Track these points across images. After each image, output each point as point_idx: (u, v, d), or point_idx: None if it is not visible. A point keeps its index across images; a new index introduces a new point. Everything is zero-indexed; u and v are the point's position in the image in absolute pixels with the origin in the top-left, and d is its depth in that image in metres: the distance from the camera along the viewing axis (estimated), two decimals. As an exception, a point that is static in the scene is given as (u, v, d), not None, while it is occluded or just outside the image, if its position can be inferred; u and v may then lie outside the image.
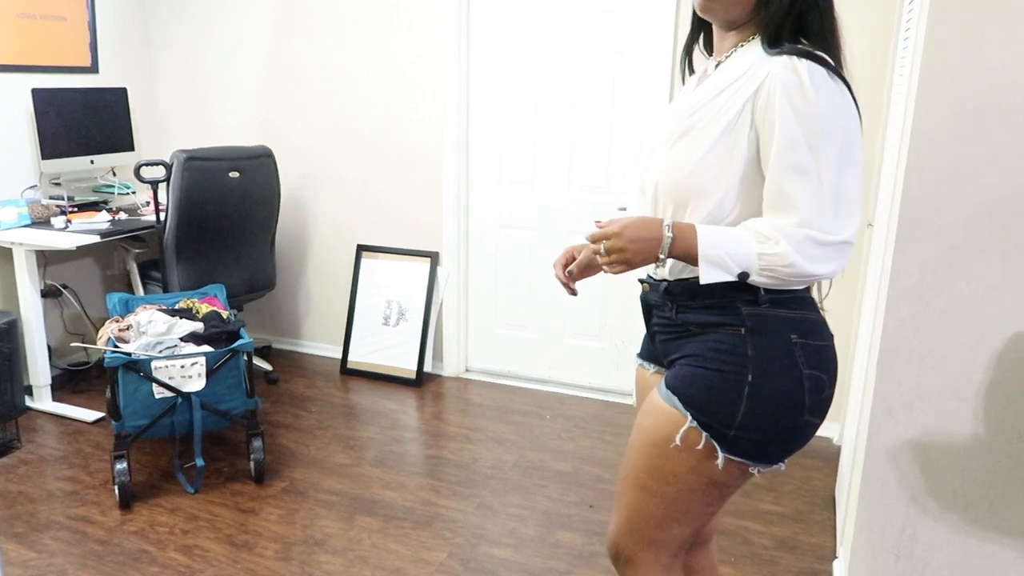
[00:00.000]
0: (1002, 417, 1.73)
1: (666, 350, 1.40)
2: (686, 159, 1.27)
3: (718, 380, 1.27)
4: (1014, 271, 1.66)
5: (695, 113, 1.28)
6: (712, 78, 1.31)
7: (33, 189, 3.57)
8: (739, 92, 1.23)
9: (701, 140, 1.25)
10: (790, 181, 1.18)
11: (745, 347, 1.26)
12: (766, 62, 1.22)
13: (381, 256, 3.87)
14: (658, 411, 1.33)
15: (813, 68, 1.17)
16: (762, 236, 1.19)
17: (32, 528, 2.52)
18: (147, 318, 2.81)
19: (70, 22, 3.71)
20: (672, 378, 1.33)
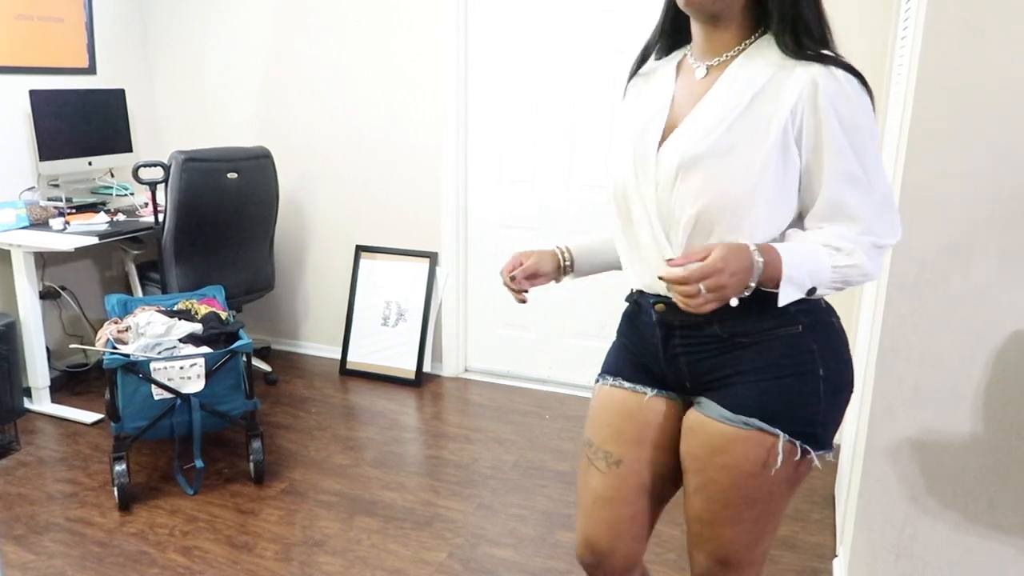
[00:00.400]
0: (1001, 415, 1.73)
1: (700, 370, 1.32)
2: (743, 178, 1.18)
3: (797, 385, 1.25)
4: (1012, 269, 1.66)
5: (732, 128, 1.19)
6: (725, 84, 1.23)
7: (31, 191, 3.56)
8: (779, 102, 1.18)
9: (755, 156, 1.18)
10: (847, 192, 1.18)
11: (809, 343, 1.26)
12: (794, 68, 1.18)
13: (380, 256, 3.87)
14: (738, 440, 1.26)
15: (851, 78, 1.18)
16: (833, 249, 1.19)
17: (31, 530, 2.52)
18: (146, 319, 2.80)
19: (67, 23, 3.71)
20: (740, 400, 1.26)
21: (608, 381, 1.45)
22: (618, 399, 1.42)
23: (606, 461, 1.41)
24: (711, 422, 1.29)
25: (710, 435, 1.29)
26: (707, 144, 1.20)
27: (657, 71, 1.37)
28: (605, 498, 1.41)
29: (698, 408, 1.33)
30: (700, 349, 1.30)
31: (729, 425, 1.26)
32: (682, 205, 1.23)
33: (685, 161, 1.22)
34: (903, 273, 1.75)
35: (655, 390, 1.40)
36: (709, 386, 1.31)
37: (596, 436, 1.44)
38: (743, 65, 1.23)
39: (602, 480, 1.41)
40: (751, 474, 1.26)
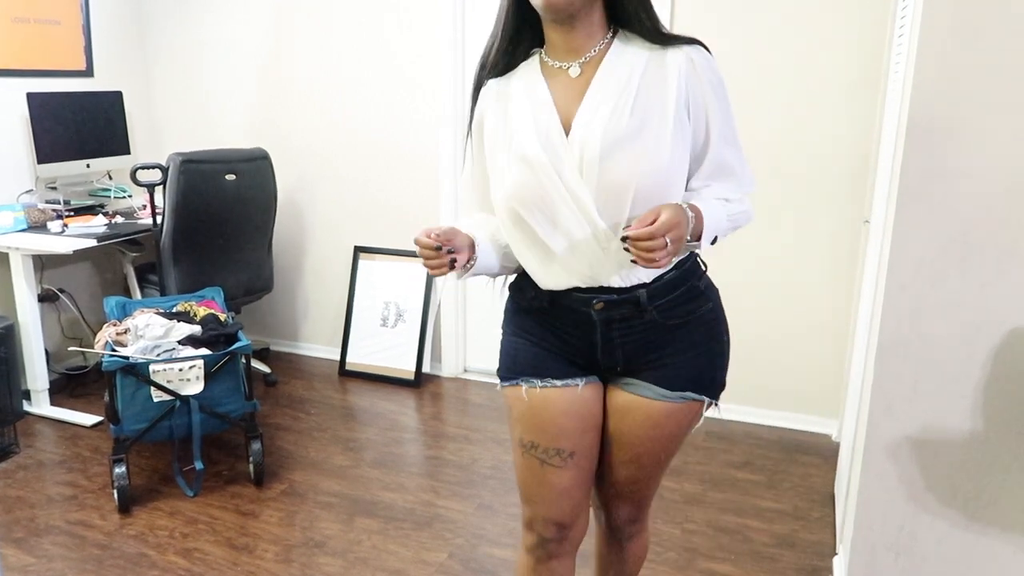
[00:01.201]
0: (1001, 412, 1.73)
1: (637, 355, 1.42)
2: (657, 153, 1.28)
3: (714, 353, 1.45)
4: (1010, 266, 1.67)
5: (633, 112, 1.29)
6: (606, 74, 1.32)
7: (29, 194, 3.56)
8: (665, 83, 1.30)
9: (662, 133, 1.29)
10: (728, 152, 1.36)
11: (718, 315, 1.46)
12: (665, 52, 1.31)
13: (378, 257, 3.87)
14: (675, 412, 1.44)
15: (709, 54, 1.34)
16: (724, 200, 1.36)
17: (31, 533, 2.52)
18: (144, 321, 2.80)
19: (64, 26, 3.71)
20: (676, 377, 1.42)
21: (535, 384, 1.46)
22: (553, 398, 1.45)
23: (560, 457, 1.47)
24: (650, 402, 1.43)
25: (649, 414, 1.44)
26: (621, 127, 1.28)
27: (513, 80, 1.40)
28: (566, 487, 1.49)
29: (631, 389, 1.45)
30: (638, 337, 1.41)
31: (667, 402, 1.43)
32: (616, 189, 1.29)
33: (606, 146, 1.28)
34: (902, 271, 1.75)
35: (584, 379, 1.46)
36: (643, 367, 1.43)
37: (540, 438, 1.46)
38: (617, 57, 1.33)
39: (561, 474, 1.48)
40: (679, 437, 1.49)
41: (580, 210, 1.31)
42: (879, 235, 2.10)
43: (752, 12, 3.00)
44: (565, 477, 1.48)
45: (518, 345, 1.49)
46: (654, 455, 1.49)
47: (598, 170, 1.29)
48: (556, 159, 1.31)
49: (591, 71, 1.33)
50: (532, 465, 1.49)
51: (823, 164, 3.03)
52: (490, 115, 1.42)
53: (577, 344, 1.44)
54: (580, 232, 1.32)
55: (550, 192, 1.32)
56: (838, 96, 2.96)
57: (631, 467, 1.50)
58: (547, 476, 1.48)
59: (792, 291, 3.18)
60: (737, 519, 2.60)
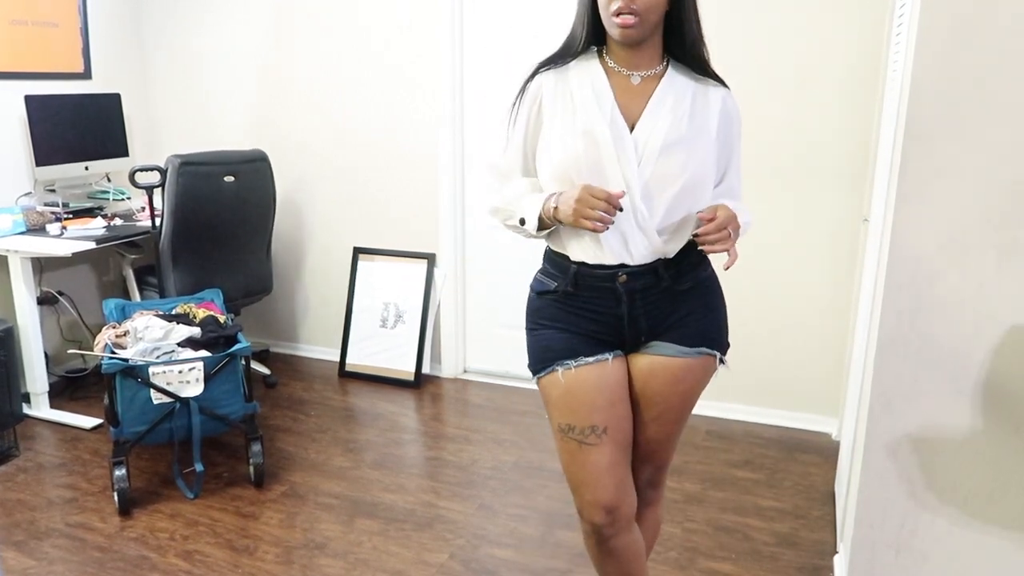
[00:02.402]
0: (1000, 409, 1.74)
1: (658, 322, 1.60)
2: (704, 160, 1.54)
3: (718, 312, 1.67)
4: (1009, 265, 1.67)
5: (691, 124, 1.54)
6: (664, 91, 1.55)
7: (28, 196, 3.56)
8: (708, 110, 1.57)
9: (708, 146, 1.55)
10: (736, 180, 1.66)
11: (716, 279, 1.68)
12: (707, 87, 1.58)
13: (378, 258, 3.87)
14: (692, 367, 1.62)
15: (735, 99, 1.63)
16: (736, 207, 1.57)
17: (32, 536, 2.52)
18: (144, 324, 2.80)
19: (62, 28, 3.70)
20: (692, 335, 1.61)
21: (569, 365, 1.60)
22: (585, 376, 1.59)
23: (596, 434, 1.58)
24: (670, 360, 1.61)
25: (671, 370, 1.61)
26: (681, 131, 1.52)
27: (572, 69, 1.59)
28: (608, 465, 1.59)
29: (652, 351, 1.62)
30: (657, 304, 1.59)
31: (685, 357, 1.60)
32: (666, 179, 1.51)
33: (668, 143, 1.51)
34: (901, 270, 1.75)
35: (611, 353, 1.61)
36: (664, 330, 1.61)
37: (575, 419, 1.59)
38: (672, 79, 1.57)
39: (600, 452, 1.58)
40: (696, 392, 1.65)
41: (628, 191, 1.50)
42: (878, 234, 2.10)
43: (751, 12, 3.00)
44: (604, 454, 1.58)
45: (547, 336, 1.64)
46: (675, 411, 1.64)
47: (656, 161, 1.51)
48: (620, 144, 1.51)
49: (651, 84, 1.56)
50: (571, 448, 1.60)
51: (822, 163, 3.03)
52: (549, 91, 1.58)
53: (604, 320, 1.60)
54: (624, 212, 1.49)
55: (606, 168, 1.51)
56: (837, 95, 2.96)
57: (654, 426, 1.65)
58: (587, 457, 1.59)
59: (791, 290, 3.18)
60: (738, 518, 2.61)
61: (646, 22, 1.48)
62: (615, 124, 1.53)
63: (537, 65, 1.63)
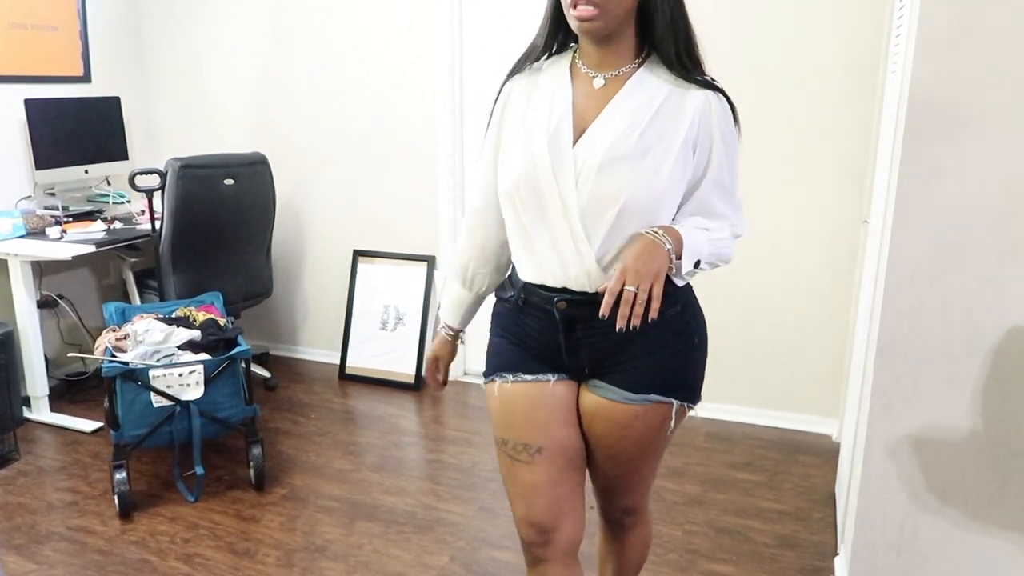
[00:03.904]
0: (1000, 411, 1.74)
1: (601, 358, 1.44)
2: (656, 177, 1.33)
3: (682, 357, 1.45)
4: (1008, 265, 1.67)
5: (644, 135, 1.33)
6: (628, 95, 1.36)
7: (27, 200, 3.56)
8: (681, 117, 1.35)
9: (665, 159, 1.33)
10: (719, 196, 1.40)
11: (686, 319, 1.45)
12: (688, 89, 1.36)
13: (378, 261, 3.87)
14: (640, 414, 1.44)
15: (728, 104, 1.38)
16: (704, 228, 1.39)
17: (32, 539, 2.52)
18: (144, 327, 2.80)
19: (62, 31, 3.71)
20: (639, 380, 1.42)
21: (507, 379, 1.52)
22: (522, 392, 1.50)
23: (527, 452, 1.48)
24: (614, 405, 1.44)
25: (616, 416, 1.45)
26: (626, 146, 1.33)
27: (544, 72, 1.46)
28: (541, 484, 1.48)
29: (598, 391, 1.46)
30: (601, 339, 1.42)
31: (631, 404, 1.43)
32: (604, 201, 1.33)
33: (608, 159, 1.33)
34: (901, 270, 1.75)
35: (556, 375, 1.49)
36: (608, 370, 1.44)
37: (509, 433, 1.50)
38: (641, 80, 1.37)
39: (530, 470, 1.48)
40: (651, 439, 1.48)
41: (565, 215, 1.36)
42: (878, 235, 2.10)
43: (750, 13, 3.00)
44: (536, 473, 1.48)
45: (498, 344, 1.57)
46: (629, 455, 1.50)
47: (593, 180, 1.33)
48: (558, 159, 1.36)
49: (615, 87, 1.38)
50: (505, 462, 1.52)
51: (821, 165, 3.04)
52: (514, 98, 1.47)
53: (545, 342, 1.47)
54: (561, 233, 1.37)
55: (543, 189, 1.37)
56: (836, 96, 2.96)
57: (609, 465, 1.53)
58: (517, 473, 1.50)
59: (791, 292, 3.18)
60: (738, 520, 2.60)
61: (609, 13, 1.30)
62: (556, 136, 1.37)
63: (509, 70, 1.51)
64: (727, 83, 1.41)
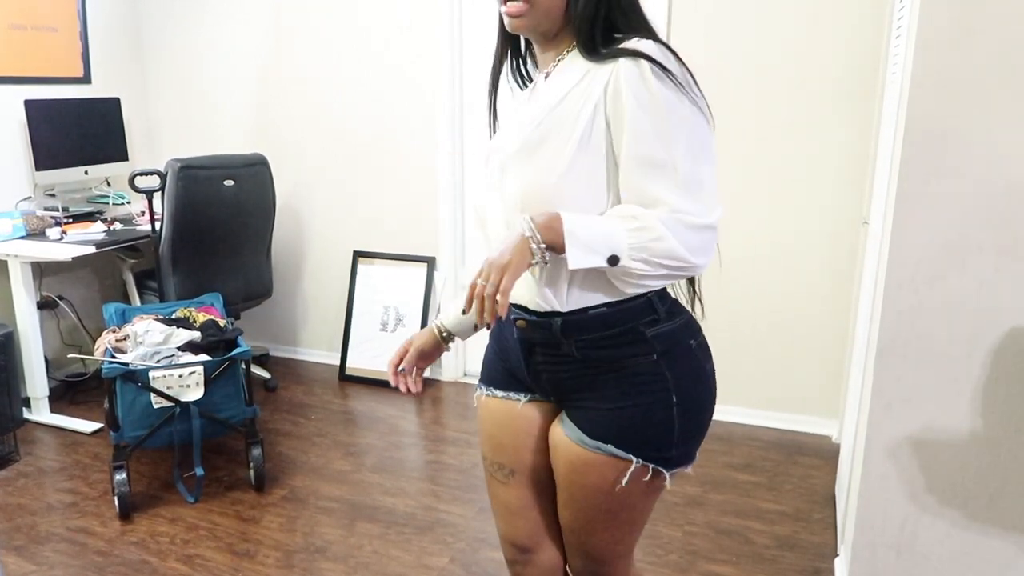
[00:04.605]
0: (1000, 411, 1.74)
1: (562, 387, 1.32)
2: (551, 169, 1.19)
3: (651, 412, 1.25)
4: (1008, 266, 1.67)
5: (541, 124, 1.22)
6: (545, 89, 1.27)
7: (27, 201, 3.56)
8: (585, 96, 1.19)
9: (562, 148, 1.19)
10: (648, 177, 1.15)
11: (662, 370, 1.25)
12: (602, 65, 1.19)
13: (378, 262, 3.87)
14: (595, 463, 1.28)
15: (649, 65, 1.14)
16: (628, 216, 1.16)
17: (32, 540, 2.51)
18: (144, 328, 2.80)
19: (61, 32, 3.71)
20: (597, 426, 1.27)
21: (483, 391, 1.46)
22: (493, 409, 1.43)
23: (502, 473, 1.43)
24: (571, 444, 1.30)
25: (569, 457, 1.31)
26: (520, 140, 1.23)
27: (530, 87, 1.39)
28: (515, 507, 1.44)
29: (561, 424, 1.34)
30: (560, 368, 1.30)
31: (586, 449, 1.28)
32: (511, 202, 1.25)
33: (506, 158, 1.26)
34: (901, 271, 1.75)
35: (527, 396, 1.40)
36: (571, 403, 1.32)
37: (486, 449, 1.46)
38: (563, 69, 1.26)
39: (506, 491, 1.44)
40: (607, 492, 1.29)
41: (493, 222, 1.31)
42: (878, 236, 2.10)
43: (749, 14, 3.00)
44: (511, 495, 1.43)
45: (488, 352, 1.49)
46: (584, 505, 1.32)
47: (500, 183, 1.28)
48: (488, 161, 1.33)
49: None
50: (486, 476, 1.48)
51: (821, 166, 3.04)
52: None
53: (515, 361, 1.38)
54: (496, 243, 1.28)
55: (485, 204, 1.34)
56: (836, 97, 2.96)
57: (568, 511, 1.37)
58: (496, 491, 1.46)
59: (791, 293, 3.18)
60: (738, 521, 2.60)
61: (538, 7, 1.21)
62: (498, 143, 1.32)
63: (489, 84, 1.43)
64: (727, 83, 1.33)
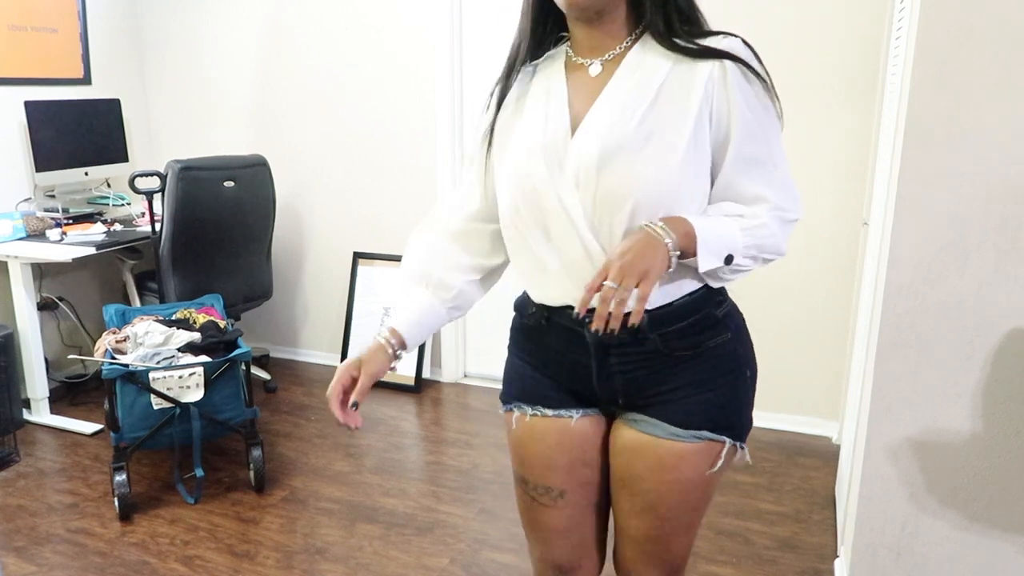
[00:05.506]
0: (1000, 413, 1.74)
1: (638, 388, 1.26)
2: (661, 166, 1.15)
3: (733, 390, 1.27)
4: (1008, 267, 1.67)
5: (644, 118, 1.15)
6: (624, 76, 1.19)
7: (27, 202, 3.56)
8: (686, 92, 1.16)
9: (673, 144, 1.15)
10: (750, 175, 1.19)
11: (735, 347, 1.28)
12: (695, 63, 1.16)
13: (378, 263, 3.87)
14: (690, 455, 1.25)
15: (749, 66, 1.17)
16: (735, 215, 1.19)
17: (32, 541, 2.51)
18: (144, 329, 2.80)
19: (61, 34, 3.71)
20: (689, 415, 1.24)
21: (526, 411, 1.35)
22: (541, 430, 1.33)
23: (549, 496, 1.36)
24: (659, 441, 1.25)
25: (659, 455, 1.26)
26: (624, 133, 1.15)
27: (537, 74, 1.29)
28: (561, 528, 1.38)
29: (637, 426, 1.28)
30: (639, 366, 1.25)
31: (679, 441, 1.25)
32: (612, 202, 1.16)
33: (605, 153, 1.15)
34: (900, 272, 1.75)
35: (579, 411, 1.33)
36: (648, 402, 1.27)
37: (529, 473, 1.37)
38: (638, 58, 1.19)
39: (552, 514, 1.37)
40: (699, 484, 1.28)
41: (571, 222, 1.19)
42: (878, 237, 2.10)
43: (748, 14, 3.00)
44: (558, 517, 1.37)
45: (517, 367, 1.38)
46: (672, 505, 1.29)
47: (595, 180, 1.16)
48: (555, 163, 1.19)
49: (611, 71, 1.21)
50: (525, 500, 1.40)
51: (821, 167, 3.04)
52: (504, 114, 1.30)
53: (572, 369, 1.29)
54: (572, 248, 1.21)
55: (543, 203, 1.21)
56: (836, 98, 2.96)
57: (648, 518, 1.31)
58: (539, 515, 1.38)
59: (791, 294, 3.18)
60: (738, 522, 2.60)
61: None
62: (553, 139, 1.20)
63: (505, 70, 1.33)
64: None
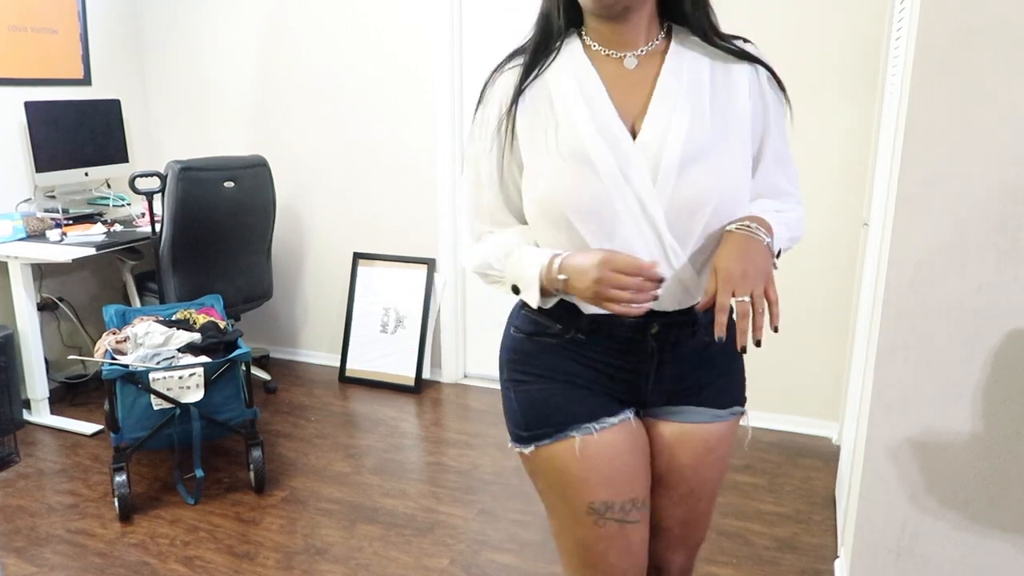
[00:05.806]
0: (1000, 413, 1.73)
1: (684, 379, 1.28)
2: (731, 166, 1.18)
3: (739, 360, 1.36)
4: (1008, 267, 1.67)
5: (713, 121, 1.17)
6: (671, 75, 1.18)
7: (27, 202, 3.56)
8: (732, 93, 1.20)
9: (736, 146, 1.19)
10: (781, 172, 1.30)
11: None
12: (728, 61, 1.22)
13: (378, 264, 3.87)
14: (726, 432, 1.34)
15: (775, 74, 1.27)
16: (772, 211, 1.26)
17: (32, 542, 2.51)
18: (144, 330, 2.80)
19: (61, 34, 3.71)
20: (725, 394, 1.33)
21: (592, 430, 1.25)
22: (612, 440, 1.26)
23: (636, 509, 1.28)
24: (703, 426, 1.31)
25: (704, 438, 1.32)
26: (704, 137, 1.15)
27: (552, 66, 1.22)
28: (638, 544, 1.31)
29: (680, 418, 1.30)
30: (687, 359, 1.28)
31: (720, 422, 1.33)
32: (691, 204, 1.15)
33: (688, 156, 1.14)
34: (901, 273, 1.75)
35: (631, 410, 1.31)
36: (692, 390, 1.30)
37: (613, 493, 1.26)
38: (680, 55, 1.20)
39: (639, 530, 1.30)
40: (727, 459, 1.38)
41: (648, 223, 1.15)
42: (878, 237, 2.10)
43: (748, 14, 3.00)
44: (640, 533, 1.30)
45: (547, 391, 1.27)
46: (708, 484, 1.35)
47: (674, 182, 1.14)
48: (624, 162, 1.15)
49: (651, 67, 1.19)
50: (610, 534, 1.27)
51: (821, 167, 3.04)
52: (524, 112, 1.22)
53: (622, 377, 1.27)
54: (642, 247, 1.16)
55: (613, 199, 1.15)
56: (836, 98, 2.96)
57: (686, 503, 1.35)
58: (629, 538, 1.28)
59: (791, 294, 3.18)
60: (738, 522, 2.60)
61: None
62: (611, 132, 1.15)
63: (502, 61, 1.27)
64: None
